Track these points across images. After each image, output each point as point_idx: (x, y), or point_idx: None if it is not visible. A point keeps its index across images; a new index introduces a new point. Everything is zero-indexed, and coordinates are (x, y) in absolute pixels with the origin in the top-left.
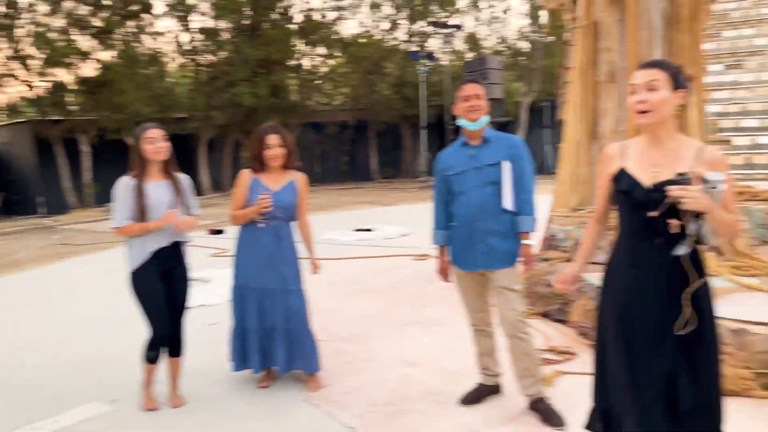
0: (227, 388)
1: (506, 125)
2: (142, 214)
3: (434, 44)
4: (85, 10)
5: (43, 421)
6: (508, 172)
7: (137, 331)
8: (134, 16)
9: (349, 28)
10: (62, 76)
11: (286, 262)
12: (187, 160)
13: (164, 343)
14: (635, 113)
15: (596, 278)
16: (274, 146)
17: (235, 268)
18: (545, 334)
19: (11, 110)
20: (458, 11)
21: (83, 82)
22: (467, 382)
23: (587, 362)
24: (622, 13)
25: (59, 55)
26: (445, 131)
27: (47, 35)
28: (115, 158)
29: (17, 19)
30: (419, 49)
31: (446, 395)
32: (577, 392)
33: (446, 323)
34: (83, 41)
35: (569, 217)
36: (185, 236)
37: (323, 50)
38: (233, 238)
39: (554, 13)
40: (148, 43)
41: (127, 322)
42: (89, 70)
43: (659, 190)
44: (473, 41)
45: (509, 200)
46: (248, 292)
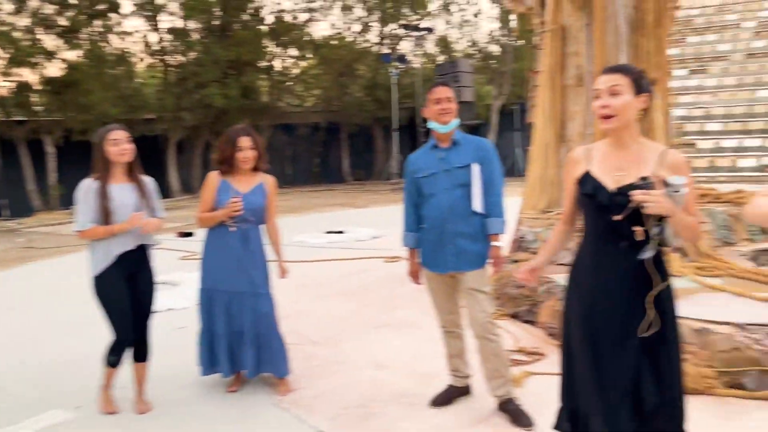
0: (195, 392)
1: (477, 128)
2: (106, 216)
3: (406, 47)
4: (50, 9)
5: (4, 429)
6: (477, 174)
7: (102, 335)
8: (101, 15)
9: (320, 29)
10: (27, 76)
11: (254, 265)
12: (156, 161)
13: (127, 348)
14: (599, 118)
15: (564, 279)
16: (246, 148)
17: (202, 271)
18: (514, 335)
19: None
20: (429, 14)
21: (48, 82)
22: (438, 383)
23: (556, 363)
24: (589, 18)
25: (24, 54)
26: (417, 133)
27: (12, 34)
28: (81, 160)
29: None
30: (391, 51)
31: (417, 397)
32: (545, 392)
33: (417, 325)
34: (49, 41)
35: (538, 218)
36: (151, 239)
37: (295, 52)
38: (202, 240)
39: (523, 17)
40: (115, 42)
41: (92, 326)
42: (55, 70)
43: (623, 193)
44: (444, 44)
45: (479, 202)
46: (216, 295)
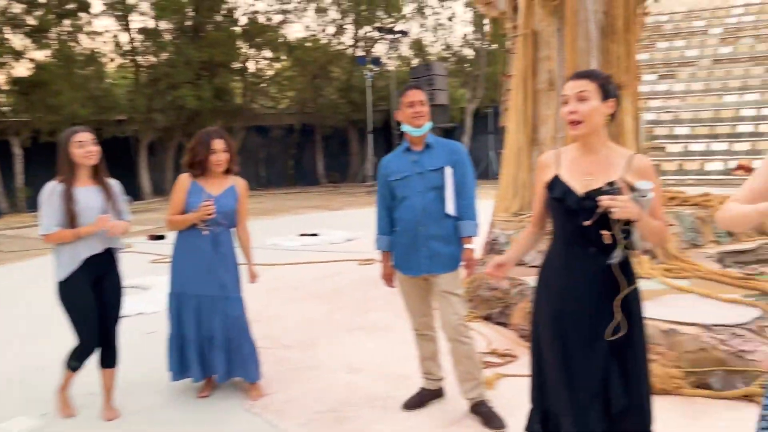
0: (166, 398)
1: (451, 131)
2: (71, 220)
3: (380, 49)
4: (18, 8)
5: None
6: (450, 177)
7: (68, 341)
8: (70, 14)
9: (294, 31)
10: None
11: (225, 268)
12: (127, 163)
13: (90, 354)
14: (567, 123)
15: (535, 281)
16: (219, 151)
17: (172, 274)
18: (487, 337)
19: None
20: (404, 17)
21: (16, 82)
22: (410, 386)
23: (528, 364)
24: (560, 23)
25: None
26: (392, 136)
27: None
28: (49, 161)
29: None
30: (365, 54)
31: (390, 400)
32: (518, 394)
33: (390, 328)
34: (17, 40)
35: (511, 221)
36: (119, 242)
37: (269, 53)
38: (172, 244)
39: (497, 21)
40: (85, 42)
41: (58, 332)
42: (23, 69)
43: (591, 198)
44: (419, 47)
45: (451, 205)
46: (186, 299)
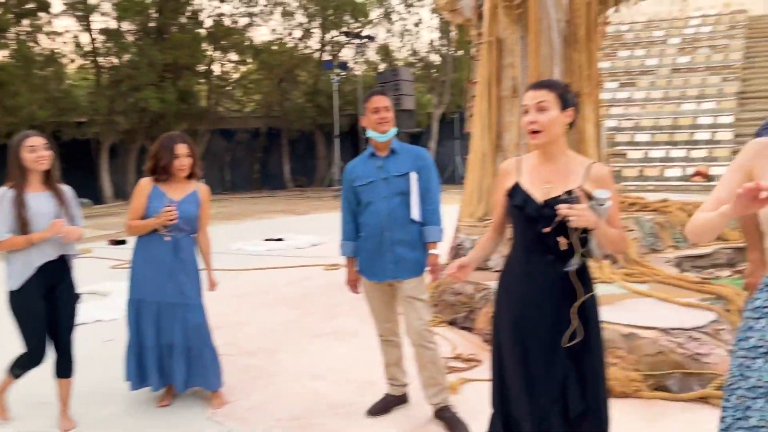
0: (124, 408)
1: (418, 136)
2: (23, 226)
3: (347, 54)
4: None
5: None
6: (415, 183)
7: (14, 349)
8: (30, 14)
9: (261, 35)
10: None
11: (186, 275)
12: (87, 166)
13: (37, 365)
14: (528, 133)
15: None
16: (183, 156)
17: (131, 281)
18: (452, 341)
19: None
20: (371, 22)
21: None
22: (375, 392)
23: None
24: (524, 31)
25: None
26: (359, 140)
27: None
28: (6, 165)
29: None
30: (332, 58)
31: (354, 407)
32: (482, 399)
33: (356, 334)
34: None
35: (476, 226)
36: (73, 249)
37: (234, 56)
38: (131, 249)
39: (462, 28)
40: (44, 42)
41: (10, 341)
42: None
43: (550, 206)
44: (386, 52)
45: (417, 211)
46: (145, 306)
